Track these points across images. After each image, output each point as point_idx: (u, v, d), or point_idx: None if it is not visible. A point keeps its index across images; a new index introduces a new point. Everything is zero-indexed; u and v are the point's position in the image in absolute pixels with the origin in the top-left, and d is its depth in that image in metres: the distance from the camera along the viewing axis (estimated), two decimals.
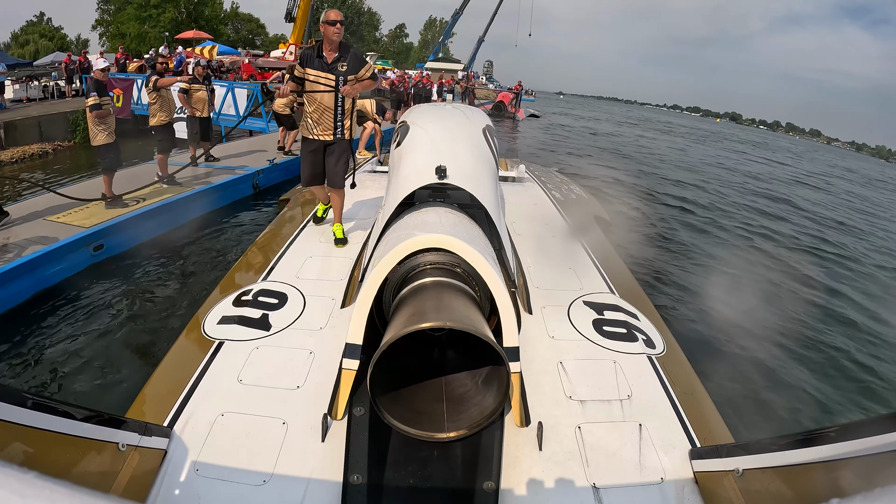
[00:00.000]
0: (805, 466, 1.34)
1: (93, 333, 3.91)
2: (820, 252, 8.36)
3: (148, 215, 5.57)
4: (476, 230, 2.50)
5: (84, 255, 4.83)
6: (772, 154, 31.62)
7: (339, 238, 3.46)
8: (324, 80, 3.25)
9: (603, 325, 2.58)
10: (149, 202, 5.82)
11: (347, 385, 1.91)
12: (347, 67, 3.27)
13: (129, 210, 5.49)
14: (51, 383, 3.35)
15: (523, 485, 1.73)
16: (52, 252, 4.48)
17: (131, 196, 5.61)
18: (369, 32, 55.35)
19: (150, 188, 5.99)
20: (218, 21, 40.40)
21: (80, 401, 2.95)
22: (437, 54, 42.43)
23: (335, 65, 3.26)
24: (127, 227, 5.25)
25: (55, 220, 5.13)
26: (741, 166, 20.25)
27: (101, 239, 4.96)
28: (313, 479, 1.72)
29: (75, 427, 1.41)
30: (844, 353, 4.75)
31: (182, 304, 4.36)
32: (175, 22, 34.48)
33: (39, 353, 3.66)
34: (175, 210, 5.96)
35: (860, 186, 22.17)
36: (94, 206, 5.39)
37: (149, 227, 5.48)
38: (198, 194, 6.40)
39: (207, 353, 2.26)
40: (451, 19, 41.52)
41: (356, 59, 3.31)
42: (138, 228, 5.33)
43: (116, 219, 5.26)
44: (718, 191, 12.89)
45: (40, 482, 0.31)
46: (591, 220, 4.73)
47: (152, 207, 5.71)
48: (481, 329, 1.66)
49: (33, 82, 15.78)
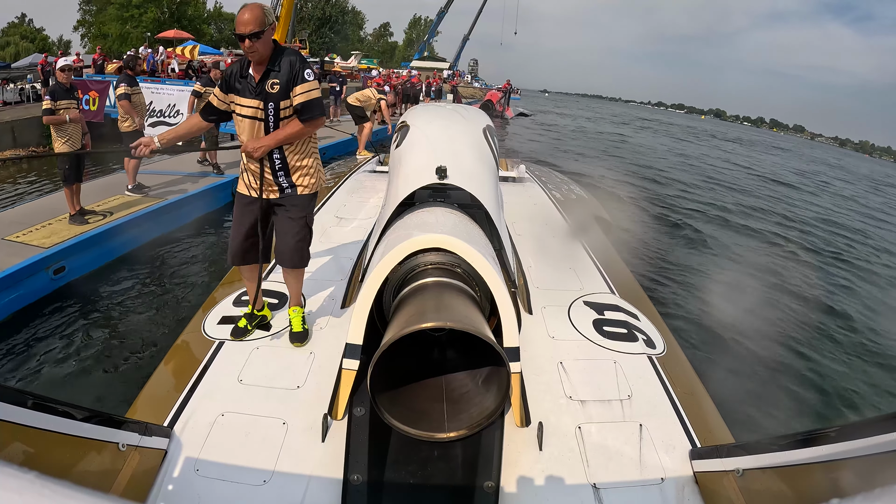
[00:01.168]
0: (805, 466, 1.34)
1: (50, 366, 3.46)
2: (820, 252, 8.36)
3: (115, 231, 4.98)
4: (476, 230, 2.50)
5: (43, 279, 4.24)
6: (784, 157, 31.58)
7: (297, 332, 2.33)
8: (248, 111, 2.15)
9: (603, 325, 2.58)
10: (117, 216, 5.21)
11: (347, 385, 1.91)
12: (280, 86, 2.10)
13: (92, 227, 4.89)
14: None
15: (523, 485, 1.73)
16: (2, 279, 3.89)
17: (103, 209, 5.21)
18: (354, 32, 55.10)
19: (120, 200, 5.54)
20: (201, 21, 40.22)
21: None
22: (422, 53, 42.42)
23: (263, 84, 2.11)
24: (90, 245, 4.71)
25: (14, 239, 4.50)
26: (741, 163, 20.27)
27: (62, 260, 4.37)
28: (313, 479, 1.72)
29: (75, 427, 1.41)
30: (845, 353, 4.75)
31: (156, 335, 3.80)
32: (157, 22, 34.16)
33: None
34: (146, 224, 5.37)
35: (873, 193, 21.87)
36: (58, 222, 4.90)
37: (116, 244, 4.97)
38: (171, 205, 5.83)
39: (207, 353, 2.26)
40: (436, 18, 41.68)
41: (290, 68, 2.10)
42: (104, 247, 4.84)
43: (78, 237, 4.65)
44: (718, 190, 12.89)
45: (40, 482, 0.31)
46: (591, 220, 4.73)
47: (121, 222, 5.11)
48: (481, 329, 1.66)
49: (9, 85, 14.95)
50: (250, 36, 2.02)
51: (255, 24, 2.02)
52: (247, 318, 2.38)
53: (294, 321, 2.37)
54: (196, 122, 2.35)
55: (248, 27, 2.02)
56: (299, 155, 2.26)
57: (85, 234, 4.73)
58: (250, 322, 2.38)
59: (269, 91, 2.10)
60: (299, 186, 2.28)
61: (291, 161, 2.24)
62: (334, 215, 4.01)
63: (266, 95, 2.11)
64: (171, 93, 8.85)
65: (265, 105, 2.12)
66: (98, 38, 35.20)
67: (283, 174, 2.24)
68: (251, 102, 2.14)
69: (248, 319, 2.38)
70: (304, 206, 2.31)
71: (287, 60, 2.12)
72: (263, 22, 2.04)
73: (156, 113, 8.38)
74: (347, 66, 29.62)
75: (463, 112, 3.56)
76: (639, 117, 51.92)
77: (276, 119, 2.14)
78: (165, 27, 30.82)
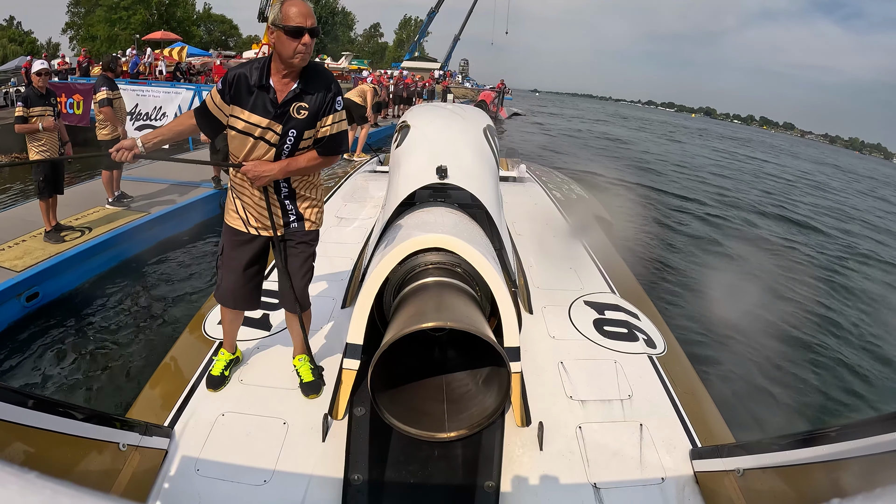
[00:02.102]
0: (805, 466, 1.34)
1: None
2: (820, 250, 8.36)
3: (95, 251, 4.52)
4: (477, 230, 2.50)
5: (14, 307, 3.80)
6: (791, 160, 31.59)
7: (309, 382, 2.04)
8: (257, 131, 1.75)
9: (604, 325, 2.58)
10: (97, 232, 4.71)
11: (348, 385, 1.91)
12: (309, 112, 1.75)
13: (70, 245, 4.40)
14: None
15: (524, 484, 1.73)
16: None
17: (82, 223, 4.77)
18: (344, 32, 54.92)
19: (101, 213, 5.15)
20: (190, 22, 40.09)
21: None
22: (412, 53, 42.13)
23: (289, 107, 1.73)
24: (67, 268, 4.24)
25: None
26: (745, 165, 20.28)
27: (35, 285, 3.94)
28: (314, 478, 1.72)
29: (76, 427, 1.42)
30: (846, 353, 4.75)
31: (137, 364, 3.42)
32: (146, 24, 34.01)
33: None
34: (128, 242, 4.91)
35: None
36: (32, 238, 4.47)
37: (94, 265, 4.55)
38: (154, 221, 5.28)
39: (208, 353, 2.26)
40: (426, 18, 41.16)
41: (324, 94, 1.76)
42: (81, 268, 4.39)
43: (54, 259, 4.16)
44: (717, 188, 12.88)
45: (41, 482, 0.31)
46: (591, 220, 4.73)
47: (101, 240, 4.60)
48: (482, 329, 1.66)
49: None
50: (311, 31, 1.64)
51: (314, 18, 1.65)
52: (225, 363, 2.09)
53: (302, 371, 2.06)
54: (186, 122, 1.88)
55: (310, 20, 1.64)
56: (308, 185, 1.93)
57: (61, 256, 4.21)
58: (227, 368, 2.09)
59: (294, 115, 1.72)
60: (307, 221, 1.95)
61: (300, 190, 1.91)
62: (334, 216, 4.01)
63: (288, 119, 1.73)
64: (157, 95, 8.42)
65: (284, 130, 1.74)
66: (87, 40, 34.99)
67: (289, 203, 1.90)
68: (263, 122, 1.73)
69: (225, 365, 2.08)
70: (311, 243, 1.99)
71: (323, 81, 1.75)
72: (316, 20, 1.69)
73: (141, 116, 8.12)
74: (338, 68, 29.40)
75: (463, 112, 3.56)
76: (640, 118, 51.99)
77: (294, 149, 1.78)
78: (154, 29, 30.58)
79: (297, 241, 1.95)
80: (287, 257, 1.97)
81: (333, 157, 1.88)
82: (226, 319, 2.10)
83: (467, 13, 40.34)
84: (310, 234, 1.98)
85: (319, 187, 2.00)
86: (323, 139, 1.80)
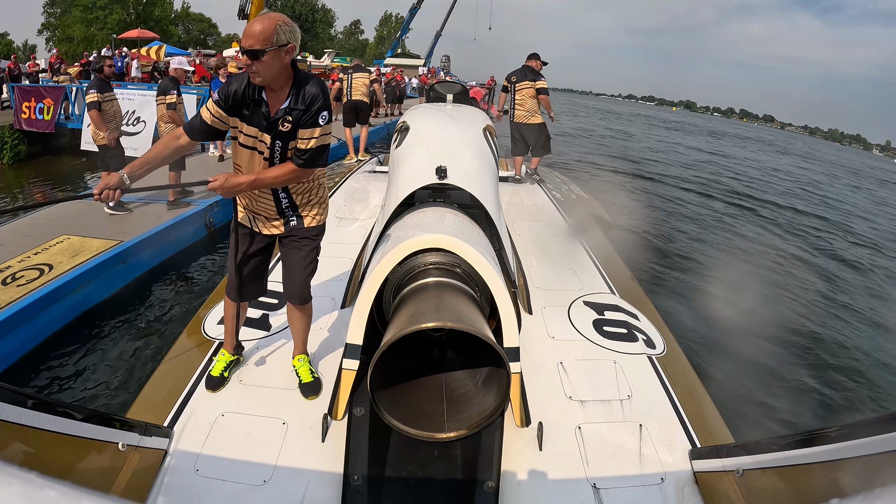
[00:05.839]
0: (805, 466, 1.34)
1: None
2: (820, 250, 8.36)
3: (51, 298, 3.47)
4: (476, 230, 2.50)
5: None
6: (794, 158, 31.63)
7: (308, 382, 2.06)
8: (250, 141, 1.85)
9: (603, 325, 2.58)
10: (56, 273, 3.66)
11: (347, 385, 1.91)
12: (292, 125, 1.78)
13: (20, 294, 3.38)
14: None
15: (523, 485, 1.73)
16: None
17: (37, 262, 3.75)
18: (324, 30, 54.18)
19: (64, 245, 4.15)
20: (168, 21, 39.51)
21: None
22: (395, 50, 41.61)
23: (278, 120, 1.78)
24: (19, 320, 3.25)
25: None
26: (737, 163, 20.29)
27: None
28: (313, 478, 1.72)
29: (76, 427, 1.42)
30: (846, 353, 4.75)
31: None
32: (123, 24, 33.22)
33: None
34: (96, 281, 3.92)
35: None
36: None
37: (53, 316, 3.54)
38: (126, 251, 4.25)
39: (207, 353, 2.26)
40: (408, 14, 40.59)
41: (309, 107, 1.77)
42: (35, 322, 3.40)
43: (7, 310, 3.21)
44: (718, 189, 12.88)
45: (41, 482, 0.31)
46: (591, 220, 4.73)
47: (58, 285, 3.53)
48: (481, 329, 1.66)
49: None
50: (247, 52, 1.64)
51: (257, 40, 1.64)
52: (225, 364, 2.09)
53: (302, 372, 2.08)
54: (172, 144, 1.87)
55: (247, 40, 1.64)
56: (307, 189, 1.99)
57: (7, 311, 3.21)
58: (227, 369, 2.09)
59: (280, 128, 1.78)
60: (306, 218, 2.01)
61: (299, 200, 1.98)
62: (334, 216, 4.01)
63: (276, 132, 1.79)
64: (130, 98, 7.61)
65: (272, 141, 1.80)
66: (63, 41, 34.43)
67: (290, 210, 1.98)
68: (257, 134, 1.81)
69: (225, 366, 2.09)
70: (315, 238, 2.06)
71: (310, 95, 1.76)
72: (269, 40, 1.64)
73: None
74: (321, 65, 28.76)
75: (463, 112, 3.56)
76: (626, 112, 51.98)
77: (283, 158, 1.85)
78: (131, 28, 29.47)
79: (300, 236, 2.04)
80: (290, 251, 2.05)
81: (307, 171, 1.87)
82: (228, 315, 2.15)
83: (449, 8, 40.08)
84: (312, 230, 2.05)
85: (321, 186, 2.06)
86: (303, 151, 1.81)
